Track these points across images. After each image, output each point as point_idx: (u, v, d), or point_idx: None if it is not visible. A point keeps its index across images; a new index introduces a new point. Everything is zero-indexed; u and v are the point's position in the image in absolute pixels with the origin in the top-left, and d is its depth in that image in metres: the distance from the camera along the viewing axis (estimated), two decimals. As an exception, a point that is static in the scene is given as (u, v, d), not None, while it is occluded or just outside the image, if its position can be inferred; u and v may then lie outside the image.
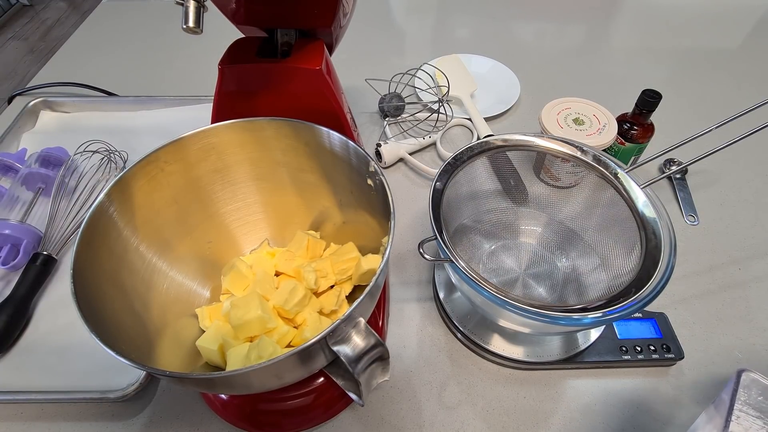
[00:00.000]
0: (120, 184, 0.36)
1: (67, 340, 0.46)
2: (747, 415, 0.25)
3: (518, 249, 0.50)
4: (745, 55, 0.83)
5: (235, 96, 0.46)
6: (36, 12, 2.51)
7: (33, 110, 0.69)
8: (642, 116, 0.56)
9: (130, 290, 0.37)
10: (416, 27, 0.92)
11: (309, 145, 0.42)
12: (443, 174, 0.43)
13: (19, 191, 0.57)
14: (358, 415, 0.43)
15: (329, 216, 0.47)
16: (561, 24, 0.92)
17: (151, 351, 0.35)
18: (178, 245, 0.43)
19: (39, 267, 0.50)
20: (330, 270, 0.43)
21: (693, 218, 0.57)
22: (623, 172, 0.42)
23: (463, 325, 0.46)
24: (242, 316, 0.37)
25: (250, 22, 0.46)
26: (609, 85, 0.77)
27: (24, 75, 2.08)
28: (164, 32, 0.90)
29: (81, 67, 0.81)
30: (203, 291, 0.45)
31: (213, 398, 0.42)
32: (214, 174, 0.43)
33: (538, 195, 0.50)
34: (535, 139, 0.45)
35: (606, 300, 0.35)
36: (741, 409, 0.25)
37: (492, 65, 0.79)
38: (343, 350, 0.29)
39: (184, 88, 0.74)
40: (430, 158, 0.66)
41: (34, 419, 0.43)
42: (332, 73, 0.48)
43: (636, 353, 0.44)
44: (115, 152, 0.61)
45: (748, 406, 0.25)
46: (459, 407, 0.43)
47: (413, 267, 0.53)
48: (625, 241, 0.41)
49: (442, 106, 0.66)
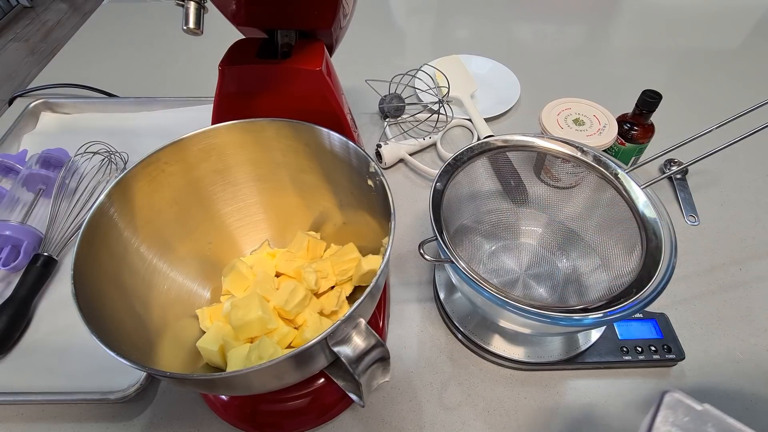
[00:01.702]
0: (120, 185, 0.36)
1: (67, 341, 0.46)
2: None
3: (519, 249, 0.50)
4: (745, 56, 0.83)
5: (236, 97, 0.46)
6: (37, 13, 2.51)
7: (34, 111, 0.69)
8: (642, 117, 0.56)
9: (130, 291, 0.37)
10: (416, 28, 0.92)
11: (309, 146, 0.42)
12: (443, 175, 0.43)
13: (20, 192, 0.57)
14: (359, 415, 0.42)
15: (329, 217, 0.47)
16: (561, 24, 0.92)
17: (152, 352, 0.35)
18: (179, 246, 0.43)
19: (39, 268, 0.50)
20: (330, 271, 0.43)
21: (693, 218, 0.57)
22: (623, 172, 0.42)
23: (464, 325, 0.46)
24: (243, 317, 0.37)
25: (250, 23, 0.46)
26: (609, 85, 0.77)
27: (25, 76, 2.08)
28: (165, 33, 0.90)
29: (81, 69, 0.81)
30: (204, 292, 0.45)
31: (213, 399, 0.42)
32: (214, 175, 0.43)
33: (539, 195, 0.50)
34: (535, 139, 0.45)
35: (607, 300, 0.35)
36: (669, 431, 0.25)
37: (492, 66, 0.79)
38: (343, 351, 0.29)
39: (184, 89, 0.74)
40: (430, 159, 0.66)
41: (34, 420, 0.43)
42: (332, 74, 0.48)
43: (637, 354, 0.44)
44: (116, 153, 0.61)
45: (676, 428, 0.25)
46: (460, 408, 0.43)
47: (414, 268, 0.53)
48: (625, 242, 0.41)
49: (443, 107, 0.66)
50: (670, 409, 0.25)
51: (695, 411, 0.25)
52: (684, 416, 0.25)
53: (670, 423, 0.25)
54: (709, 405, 0.25)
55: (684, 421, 0.25)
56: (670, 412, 0.25)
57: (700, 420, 0.25)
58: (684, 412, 0.25)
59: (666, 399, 0.26)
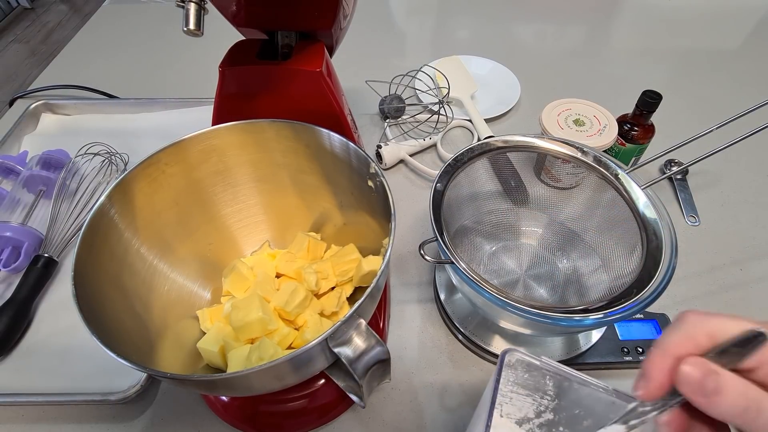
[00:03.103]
0: (121, 186, 0.36)
1: (68, 342, 0.46)
2: (518, 395, 0.25)
3: (519, 250, 0.50)
4: (745, 56, 0.83)
5: (236, 98, 0.46)
6: (37, 15, 2.51)
7: (34, 113, 0.70)
8: (642, 117, 0.56)
9: (131, 292, 0.37)
10: (416, 28, 0.93)
11: (309, 147, 0.42)
12: (444, 175, 0.43)
13: (21, 193, 0.57)
14: (359, 416, 0.42)
15: (330, 217, 0.47)
16: (561, 25, 0.92)
17: (152, 353, 0.35)
18: (179, 247, 0.43)
19: (40, 269, 0.50)
20: (331, 271, 0.43)
21: (694, 219, 0.57)
22: (624, 172, 0.42)
23: (464, 326, 0.46)
24: (243, 318, 0.37)
25: (250, 24, 0.46)
26: (609, 85, 0.77)
27: (25, 78, 2.08)
28: (165, 35, 0.90)
29: (82, 70, 0.81)
30: (204, 293, 0.45)
31: (214, 400, 0.42)
32: (214, 176, 0.43)
33: (539, 196, 0.50)
34: (535, 140, 0.45)
35: (607, 301, 0.35)
36: (512, 390, 0.25)
37: (492, 66, 0.79)
38: (344, 352, 0.29)
39: (184, 91, 0.74)
40: (430, 159, 0.66)
41: (35, 421, 0.43)
42: (332, 75, 0.48)
43: (638, 354, 0.44)
44: (116, 154, 0.61)
45: (517, 386, 0.25)
46: (460, 408, 0.43)
47: (414, 268, 0.53)
48: (626, 242, 0.41)
49: (443, 108, 0.66)
50: (510, 368, 0.26)
51: (534, 365, 0.25)
52: (524, 373, 0.25)
53: (512, 382, 0.25)
54: (546, 358, 0.25)
55: (524, 378, 0.25)
56: (511, 372, 0.26)
57: (539, 374, 0.25)
58: (524, 369, 0.25)
59: (506, 359, 0.26)
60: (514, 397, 0.25)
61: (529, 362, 0.26)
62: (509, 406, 0.25)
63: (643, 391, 0.20)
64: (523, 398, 0.25)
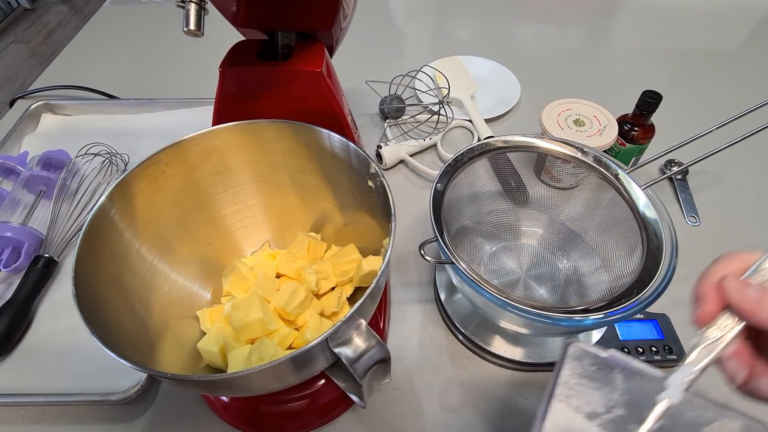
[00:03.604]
0: (121, 186, 0.36)
1: (68, 343, 0.46)
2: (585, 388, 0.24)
3: (519, 250, 0.50)
4: (745, 56, 0.83)
5: (236, 98, 0.46)
6: (38, 16, 2.51)
7: (34, 113, 0.70)
8: (642, 117, 0.56)
9: (131, 292, 0.37)
10: (416, 29, 0.93)
11: (309, 147, 0.42)
12: (444, 175, 0.43)
13: (21, 194, 0.57)
14: (360, 417, 0.42)
15: (330, 218, 0.47)
16: (561, 25, 0.92)
17: (153, 353, 0.35)
18: (180, 247, 0.43)
19: (40, 270, 0.50)
20: (331, 272, 0.43)
21: (694, 219, 0.57)
22: (624, 173, 0.42)
23: (465, 326, 0.46)
24: (243, 318, 0.37)
25: (250, 25, 0.46)
26: (609, 86, 0.77)
27: (25, 78, 2.08)
28: (165, 35, 0.90)
29: (82, 71, 0.81)
30: (204, 293, 0.45)
31: (214, 400, 0.42)
32: (215, 176, 0.43)
33: (539, 196, 0.50)
34: (535, 140, 0.45)
35: (608, 301, 0.35)
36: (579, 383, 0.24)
37: (492, 66, 0.79)
38: (344, 352, 0.29)
39: (185, 91, 0.74)
40: (430, 160, 0.66)
41: (35, 421, 0.43)
42: (333, 75, 0.48)
43: (638, 354, 0.44)
44: (117, 155, 0.61)
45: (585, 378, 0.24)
46: (460, 409, 0.43)
47: (414, 268, 0.53)
48: (626, 242, 0.41)
49: (443, 108, 0.66)
50: (576, 360, 0.25)
51: (601, 358, 0.24)
52: (591, 365, 0.24)
53: (578, 374, 0.24)
54: (614, 350, 0.25)
55: (591, 370, 0.24)
56: (577, 363, 0.24)
57: (606, 367, 0.24)
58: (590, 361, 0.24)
59: (571, 350, 0.25)
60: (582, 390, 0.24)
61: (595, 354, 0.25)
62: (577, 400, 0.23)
63: (699, 311, 0.23)
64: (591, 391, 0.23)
